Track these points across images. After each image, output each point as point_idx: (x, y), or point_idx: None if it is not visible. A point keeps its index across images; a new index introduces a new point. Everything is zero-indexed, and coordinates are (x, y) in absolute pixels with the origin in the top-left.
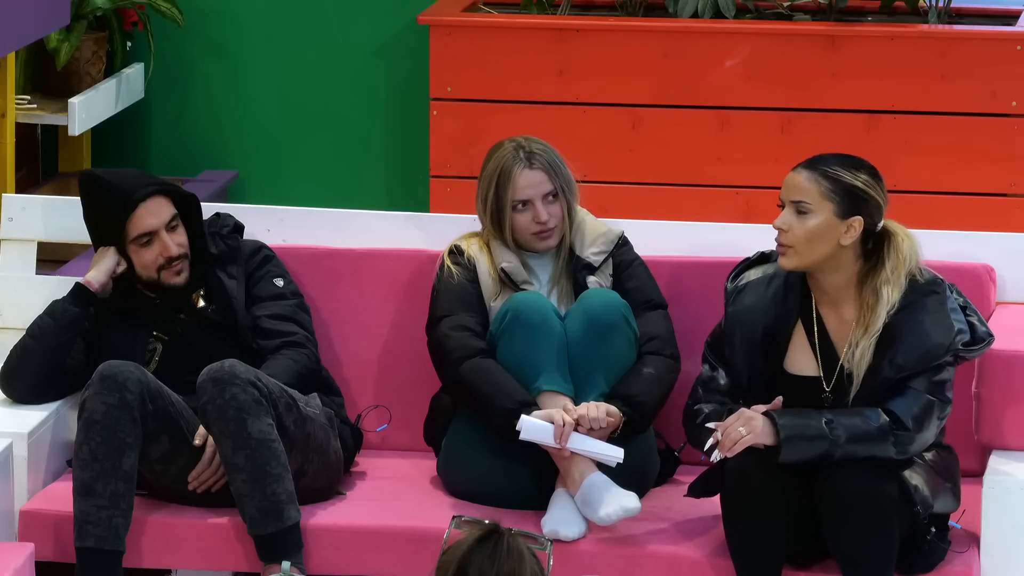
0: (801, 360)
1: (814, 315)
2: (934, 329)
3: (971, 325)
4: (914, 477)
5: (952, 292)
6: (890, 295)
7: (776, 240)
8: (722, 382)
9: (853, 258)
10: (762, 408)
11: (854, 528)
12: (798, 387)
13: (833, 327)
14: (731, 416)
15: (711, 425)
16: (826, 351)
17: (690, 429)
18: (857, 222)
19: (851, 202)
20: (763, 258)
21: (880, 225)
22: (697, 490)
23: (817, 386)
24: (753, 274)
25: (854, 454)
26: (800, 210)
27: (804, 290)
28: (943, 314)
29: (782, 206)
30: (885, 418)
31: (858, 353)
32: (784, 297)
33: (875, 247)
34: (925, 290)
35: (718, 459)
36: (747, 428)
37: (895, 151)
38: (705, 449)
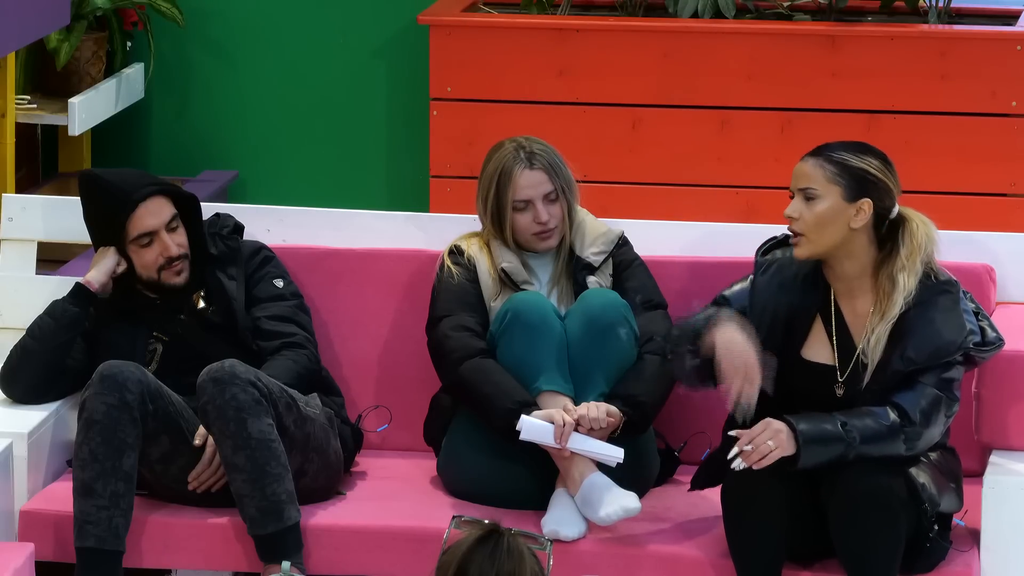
0: (817, 348)
1: (832, 306)
2: (945, 327)
3: (982, 329)
4: (920, 475)
5: (966, 296)
6: (906, 282)
7: (788, 229)
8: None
9: (867, 244)
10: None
11: (863, 526)
12: (812, 374)
13: (850, 319)
14: (758, 426)
15: (733, 433)
16: (843, 342)
17: (674, 339)
18: (866, 204)
19: (858, 185)
20: (789, 239)
21: (895, 212)
22: (699, 482)
23: (831, 375)
24: (782, 253)
25: (867, 454)
26: (808, 196)
27: (822, 278)
28: (956, 313)
29: (793, 197)
30: (895, 417)
31: (873, 339)
32: (804, 285)
33: (889, 234)
34: (939, 289)
35: (741, 468)
36: (775, 441)
37: (895, 151)
38: (728, 457)
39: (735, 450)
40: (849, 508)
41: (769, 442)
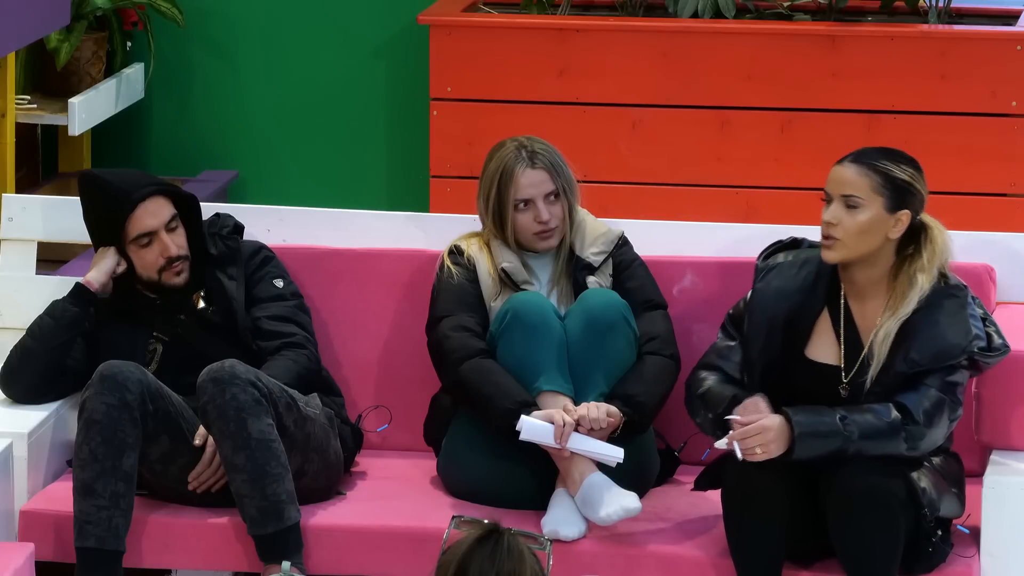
0: (824, 348)
1: (842, 305)
2: (950, 330)
3: (988, 336)
4: (922, 480)
5: (974, 302)
6: (923, 282)
7: (823, 234)
8: (736, 355)
9: (890, 252)
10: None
11: (859, 525)
12: (816, 374)
13: (860, 319)
14: (752, 426)
15: (731, 418)
16: (851, 341)
17: (690, 395)
18: (905, 215)
19: (900, 196)
20: (795, 243)
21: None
22: (703, 483)
23: (835, 375)
24: (784, 257)
25: (867, 451)
26: (850, 204)
27: (834, 280)
28: (961, 317)
29: (827, 200)
30: (896, 414)
31: (882, 334)
32: (813, 285)
33: (909, 239)
34: (947, 293)
35: (726, 447)
36: (763, 449)
37: None
38: (716, 444)
39: (725, 440)
40: (846, 508)
41: (757, 449)
